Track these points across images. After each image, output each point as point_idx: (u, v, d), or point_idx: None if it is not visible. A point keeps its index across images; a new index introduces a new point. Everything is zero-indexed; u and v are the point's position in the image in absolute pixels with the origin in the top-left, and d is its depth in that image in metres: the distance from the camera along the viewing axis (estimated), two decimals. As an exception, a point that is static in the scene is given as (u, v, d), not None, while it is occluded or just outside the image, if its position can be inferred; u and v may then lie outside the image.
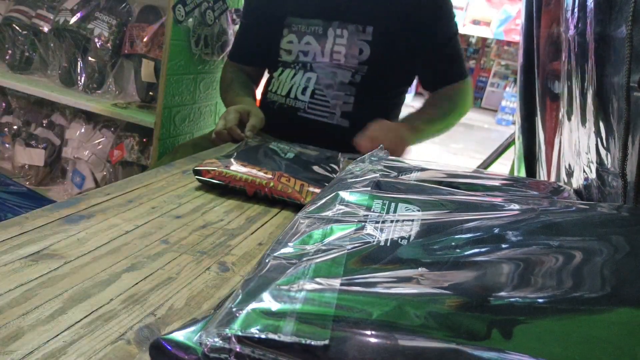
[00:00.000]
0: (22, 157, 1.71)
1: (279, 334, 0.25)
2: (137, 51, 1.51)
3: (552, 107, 0.90)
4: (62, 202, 0.60)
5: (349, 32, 1.10)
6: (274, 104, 1.19)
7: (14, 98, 1.78)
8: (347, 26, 1.11)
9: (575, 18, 0.67)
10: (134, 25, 1.53)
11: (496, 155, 1.90)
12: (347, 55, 1.11)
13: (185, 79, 1.44)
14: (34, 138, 1.71)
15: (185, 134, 1.52)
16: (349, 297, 0.28)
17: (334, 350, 0.25)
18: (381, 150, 0.66)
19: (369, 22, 1.09)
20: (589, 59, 0.61)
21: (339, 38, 1.11)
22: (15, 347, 0.35)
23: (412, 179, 0.58)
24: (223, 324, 0.27)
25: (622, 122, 0.49)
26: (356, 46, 1.10)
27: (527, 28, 1.08)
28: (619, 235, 0.37)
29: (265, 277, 0.31)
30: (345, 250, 0.34)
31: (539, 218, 0.39)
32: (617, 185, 0.53)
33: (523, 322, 0.27)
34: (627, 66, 0.47)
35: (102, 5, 1.57)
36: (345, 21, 1.11)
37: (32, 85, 1.58)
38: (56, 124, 1.73)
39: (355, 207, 0.41)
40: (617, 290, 0.30)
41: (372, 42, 1.10)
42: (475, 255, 0.33)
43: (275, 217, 0.67)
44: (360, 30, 1.10)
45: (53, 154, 1.73)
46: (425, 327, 0.26)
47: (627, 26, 0.48)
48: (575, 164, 0.69)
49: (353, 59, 1.11)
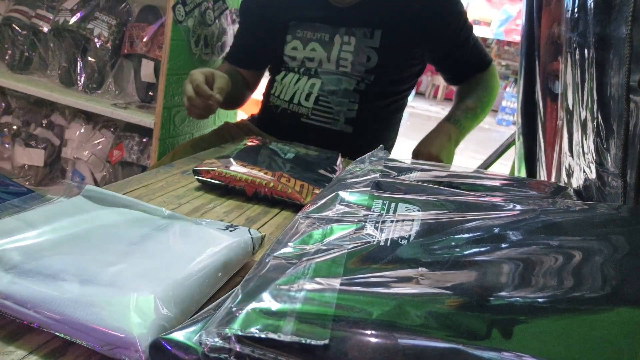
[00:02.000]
0: (21, 157, 1.71)
1: (279, 334, 0.25)
2: (137, 51, 1.51)
3: (553, 107, 0.90)
4: (62, 202, 0.60)
5: (357, 38, 1.08)
6: (276, 108, 1.17)
7: (14, 98, 1.78)
8: (354, 32, 1.09)
9: (575, 18, 0.67)
10: (134, 25, 1.53)
11: (496, 155, 1.90)
12: (354, 62, 1.09)
13: (185, 79, 1.43)
14: (34, 138, 1.71)
15: (185, 134, 1.52)
16: (349, 297, 0.28)
17: (334, 350, 0.25)
18: (381, 150, 0.66)
19: (377, 26, 1.08)
20: (588, 59, 0.61)
21: (346, 45, 1.09)
22: (15, 347, 0.35)
23: (412, 179, 0.58)
24: (223, 323, 0.27)
25: (622, 122, 0.49)
26: (364, 53, 1.08)
27: (528, 28, 1.08)
28: (619, 235, 0.37)
29: (265, 277, 0.31)
30: (345, 250, 0.34)
31: (539, 218, 0.39)
32: (617, 186, 0.53)
33: (523, 321, 0.27)
34: (627, 66, 0.47)
35: (101, 5, 1.57)
36: (353, 26, 1.08)
37: (31, 85, 1.58)
38: (56, 124, 1.73)
39: (355, 207, 0.41)
40: (617, 290, 0.30)
41: (379, 48, 1.08)
42: (475, 255, 0.33)
43: (275, 217, 0.67)
44: (368, 37, 1.08)
45: (53, 154, 1.72)
46: (426, 326, 0.26)
47: (626, 26, 0.48)
48: (576, 164, 0.70)
49: (360, 67, 1.09)
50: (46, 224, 0.47)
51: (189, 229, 0.50)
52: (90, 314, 0.34)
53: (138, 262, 0.42)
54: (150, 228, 0.50)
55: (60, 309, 0.35)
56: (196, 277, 0.41)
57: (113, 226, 0.49)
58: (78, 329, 0.34)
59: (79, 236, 0.46)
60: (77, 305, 0.35)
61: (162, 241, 0.47)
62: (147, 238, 0.47)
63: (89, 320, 0.34)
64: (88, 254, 0.43)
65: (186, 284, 0.40)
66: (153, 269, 0.41)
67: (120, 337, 0.33)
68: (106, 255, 0.43)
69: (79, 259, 0.42)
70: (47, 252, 0.42)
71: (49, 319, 0.35)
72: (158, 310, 0.36)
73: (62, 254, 0.42)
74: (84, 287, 0.37)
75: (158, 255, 0.44)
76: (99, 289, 0.37)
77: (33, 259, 0.40)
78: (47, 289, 0.36)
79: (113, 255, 0.43)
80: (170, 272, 0.41)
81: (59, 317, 0.35)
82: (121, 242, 0.46)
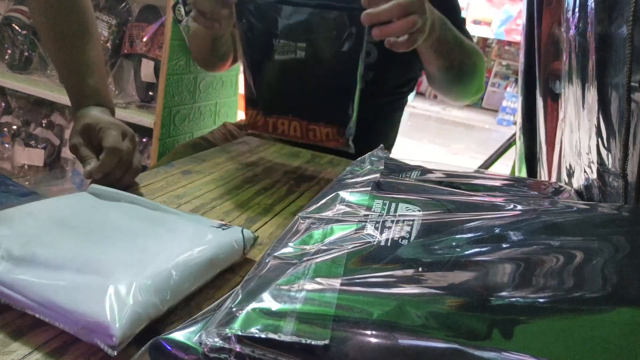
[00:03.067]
0: (21, 157, 1.71)
1: (279, 334, 0.25)
2: (137, 51, 1.51)
3: (553, 107, 0.90)
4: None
5: None
6: None
7: (13, 98, 1.78)
8: None
9: (575, 18, 0.67)
10: (134, 24, 1.53)
11: (497, 155, 1.90)
12: None
13: (185, 79, 1.44)
14: (34, 138, 1.71)
15: (185, 134, 1.52)
16: (350, 297, 0.28)
17: (334, 350, 0.25)
18: (381, 150, 0.66)
19: None
20: (589, 59, 0.61)
21: None
22: (15, 347, 0.35)
23: (412, 179, 0.58)
24: (223, 323, 0.27)
25: (623, 122, 0.49)
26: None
27: (528, 28, 1.08)
28: (620, 235, 0.37)
29: (266, 277, 0.31)
30: (346, 250, 0.34)
31: (540, 218, 0.39)
32: (618, 186, 0.53)
33: (524, 322, 0.27)
34: (628, 66, 0.47)
35: (101, 5, 1.57)
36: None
37: (31, 85, 1.58)
38: (55, 124, 1.73)
39: (355, 207, 0.41)
40: (618, 290, 0.30)
41: (379, 43, 1.06)
42: (476, 255, 0.33)
43: (275, 217, 0.67)
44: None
45: (52, 154, 1.73)
46: (426, 327, 0.26)
47: (627, 26, 0.47)
48: (576, 164, 0.69)
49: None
50: (46, 215, 0.48)
51: (182, 225, 0.51)
52: (70, 299, 0.36)
53: (126, 253, 0.43)
54: (145, 222, 0.51)
55: (43, 293, 0.37)
56: (179, 270, 0.42)
57: (111, 219, 0.51)
58: (57, 312, 0.36)
59: (76, 227, 0.47)
60: (59, 290, 0.37)
61: (153, 234, 0.48)
62: (140, 230, 0.49)
63: (67, 304, 0.36)
64: (82, 244, 0.44)
65: (167, 274, 0.41)
66: (139, 260, 0.42)
67: (95, 321, 0.34)
68: (98, 246, 0.44)
69: (73, 248, 0.43)
70: (41, 241, 0.43)
71: (33, 302, 0.37)
72: (136, 297, 0.36)
73: (55, 243, 0.44)
74: (70, 274, 0.39)
75: (147, 247, 0.45)
76: (84, 276, 0.39)
77: (27, 247, 0.42)
78: (34, 277, 0.38)
79: (104, 246, 0.44)
80: (155, 263, 0.42)
81: (41, 300, 0.36)
82: (115, 233, 0.47)
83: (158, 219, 0.52)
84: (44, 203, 0.51)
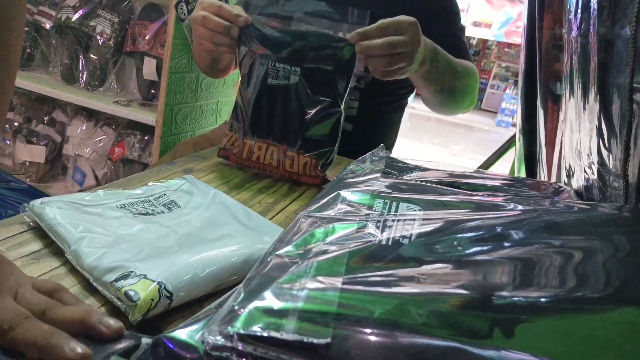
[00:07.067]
0: (23, 154, 1.71)
1: (281, 332, 0.25)
2: (139, 49, 1.51)
3: (554, 108, 0.90)
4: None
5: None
6: None
7: (15, 95, 1.78)
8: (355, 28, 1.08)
9: (578, 19, 0.67)
10: (136, 22, 1.53)
11: (496, 156, 1.90)
12: None
13: (187, 77, 1.44)
14: (35, 135, 1.71)
15: (186, 132, 1.52)
16: (351, 296, 0.28)
17: (336, 349, 0.25)
18: (382, 150, 0.66)
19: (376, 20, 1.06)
20: (591, 60, 0.61)
21: None
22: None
23: (413, 179, 0.58)
24: (225, 322, 0.27)
25: (625, 122, 0.49)
26: None
27: (529, 30, 1.08)
28: (620, 235, 0.37)
29: (268, 276, 0.31)
30: (347, 249, 0.34)
31: (540, 217, 0.39)
32: (618, 186, 0.53)
33: (525, 321, 0.27)
34: (631, 67, 0.48)
35: (104, 3, 1.57)
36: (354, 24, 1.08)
37: (33, 82, 1.58)
38: (57, 121, 1.73)
39: (357, 206, 0.41)
40: (619, 290, 0.30)
41: None
42: (477, 254, 0.33)
43: (275, 216, 0.67)
44: None
45: (54, 151, 1.73)
46: (427, 325, 0.26)
47: (630, 27, 0.48)
48: (576, 165, 0.70)
49: (359, 65, 1.08)
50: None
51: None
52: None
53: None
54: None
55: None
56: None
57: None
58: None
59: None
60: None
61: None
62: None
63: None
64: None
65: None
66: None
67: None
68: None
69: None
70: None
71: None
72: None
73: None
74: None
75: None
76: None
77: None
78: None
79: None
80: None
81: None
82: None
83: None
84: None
